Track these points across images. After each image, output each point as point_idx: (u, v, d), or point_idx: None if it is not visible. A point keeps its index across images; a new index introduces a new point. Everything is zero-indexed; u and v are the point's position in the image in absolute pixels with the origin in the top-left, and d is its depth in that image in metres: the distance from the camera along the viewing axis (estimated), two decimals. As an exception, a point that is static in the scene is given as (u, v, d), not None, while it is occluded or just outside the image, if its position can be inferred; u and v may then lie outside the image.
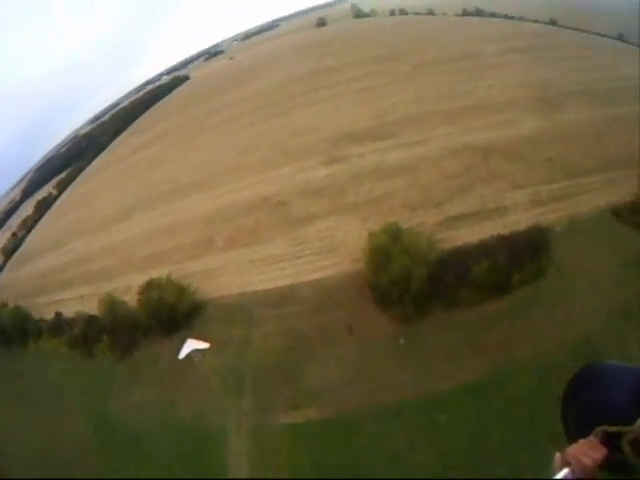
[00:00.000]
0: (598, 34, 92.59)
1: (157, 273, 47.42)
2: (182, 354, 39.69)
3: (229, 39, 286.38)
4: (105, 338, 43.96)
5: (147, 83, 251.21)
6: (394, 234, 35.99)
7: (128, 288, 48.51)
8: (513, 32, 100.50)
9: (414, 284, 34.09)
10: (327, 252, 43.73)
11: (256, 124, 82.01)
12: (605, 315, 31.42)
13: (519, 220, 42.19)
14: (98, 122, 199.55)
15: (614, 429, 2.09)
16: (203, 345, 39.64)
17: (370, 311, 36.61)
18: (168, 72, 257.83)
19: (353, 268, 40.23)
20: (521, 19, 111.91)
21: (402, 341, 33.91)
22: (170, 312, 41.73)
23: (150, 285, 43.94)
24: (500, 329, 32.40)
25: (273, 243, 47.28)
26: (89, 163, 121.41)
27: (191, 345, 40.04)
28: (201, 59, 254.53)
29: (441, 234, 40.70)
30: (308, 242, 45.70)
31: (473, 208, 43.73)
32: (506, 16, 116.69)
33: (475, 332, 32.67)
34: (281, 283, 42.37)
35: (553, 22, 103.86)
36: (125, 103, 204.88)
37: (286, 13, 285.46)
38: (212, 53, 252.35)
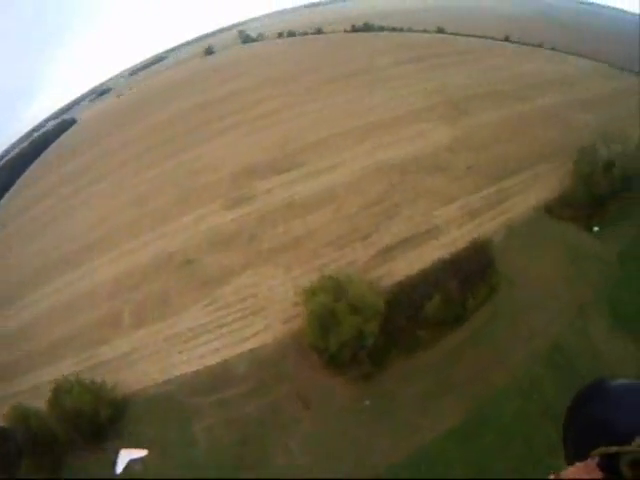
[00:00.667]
0: (486, 37, 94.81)
1: (66, 366, 38.43)
2: (119, 468, 31.63)
3: (116, 76, 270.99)
4: (25, 459, 34.22)
5: (33, 130, 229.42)
6: (335, 290, 29.92)
7: (37, 388, 38.14)
8: (404, 43, 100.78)
9: (368, 340, 29.24)
10: (253, 314, 36.42)
11: (148, 168, 72.57)
12: (565, 316, 31.44)
13: (456, 238, 38.62)
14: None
15: (613, 449, 1.86)
16: (140, 453, 31.86)
17: (322, 378, 30.87)
18: (55, 116, 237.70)
19: (288, 329, 33.90)
20: (410, 30, 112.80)
21: (368, 402, 29.49)
22: (91, 421, 33.19)
23: (59, 390, 34.36)
24: (468, 361, 30.14)
25: (188, 312, 38.93)
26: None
27: (126, 455, 32.07)
28: (88, 99, 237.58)
29: (377, 271, 35.71)
30: (229, 305, 37.94)
31: (404, 234, 39.03)
32: (394, 29, 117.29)
33: (444, 372, 29.81)
34: (209, 361, 34.54)
35: (441, 30, 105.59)
36: (12, 154, 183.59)
37: (173, 44, 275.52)
38: (99, 92, 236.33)
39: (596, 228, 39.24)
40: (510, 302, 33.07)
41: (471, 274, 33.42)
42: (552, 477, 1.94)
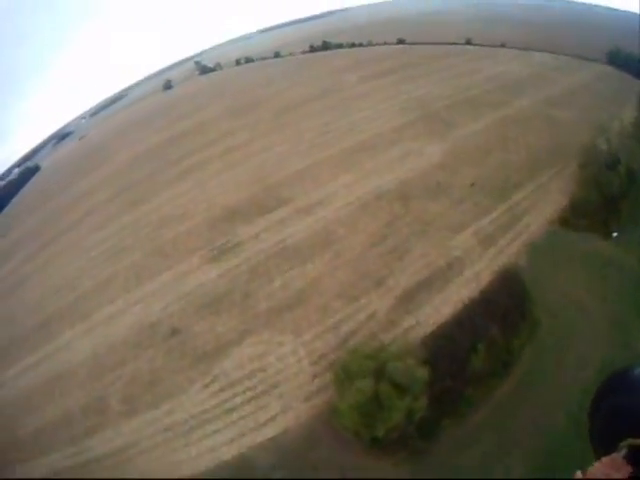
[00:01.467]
0: (447, 43, 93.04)
1: (54, 460, 31.88)
2: None
3: (77, 117, 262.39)
4: None
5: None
6: (376, 371, 24.32)
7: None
8: (367, 58, 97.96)
9: (416, 416, 24.65)
10: (266, 394, 30.09)
11: (115, 218, 65.80)
12: (606, 335, 29.46)
13: (480, 270, 34.31)
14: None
15: None
16: None
17: (366, 462, 25.32)
18: (19, 164, 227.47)
19: (312, 408, 28.07)
20: (370, 44, 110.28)
21: None
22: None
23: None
24: (522, 410, 26.91)
25: (186, 395, 32.05)
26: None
27: None
28: (51, 144, 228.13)
29: (402, 323, 30.53)
30: (233, 384, 31.37)
31: (423, 274, 34.03)
32: (353, 44, 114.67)
33: (499, 428, 26.44)
34: (225, 456, 28.04)
35: (401, 41, 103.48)
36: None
37: (131, 81, 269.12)
38: (61, 136, 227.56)
39: (615, 234, 37.36)
40: (553, 333, 30.09)
41: (509, 311, 29.68)
42: (579, 476, 1.88)
